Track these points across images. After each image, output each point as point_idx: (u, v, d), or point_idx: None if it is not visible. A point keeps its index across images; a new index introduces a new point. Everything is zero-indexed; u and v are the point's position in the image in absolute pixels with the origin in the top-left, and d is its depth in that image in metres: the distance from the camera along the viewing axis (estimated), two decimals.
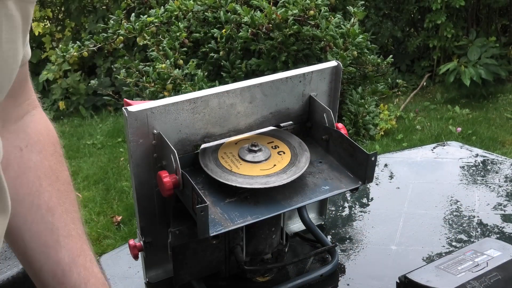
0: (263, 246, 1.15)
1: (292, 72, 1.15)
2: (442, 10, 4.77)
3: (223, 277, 1.18)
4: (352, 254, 1.28)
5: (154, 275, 1.21)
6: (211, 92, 1.08)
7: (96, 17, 5.21)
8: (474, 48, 4.70)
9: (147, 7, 3.54)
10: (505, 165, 1.66)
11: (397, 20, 5.32)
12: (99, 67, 4.96)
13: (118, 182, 3.59)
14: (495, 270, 1.02)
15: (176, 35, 2.95)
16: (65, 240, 0.81)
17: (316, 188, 1.07)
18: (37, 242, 0.77)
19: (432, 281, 1.01)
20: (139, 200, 1.10)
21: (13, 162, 0.76)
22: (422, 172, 1.65)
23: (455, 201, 1.48)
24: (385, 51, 5.15)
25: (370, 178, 1.07)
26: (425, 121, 4.35)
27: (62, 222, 0.80)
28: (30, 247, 0.77)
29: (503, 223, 1.37)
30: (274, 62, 2.85)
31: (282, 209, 1.02)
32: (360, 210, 1.47)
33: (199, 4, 3.07)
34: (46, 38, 5.27)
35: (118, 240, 2.99)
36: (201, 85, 2.74)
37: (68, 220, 0.81)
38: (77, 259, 0.80)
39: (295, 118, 1.20)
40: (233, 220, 0.98)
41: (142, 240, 1.14)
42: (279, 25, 2.80)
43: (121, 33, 3.12)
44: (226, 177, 1.02)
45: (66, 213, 0.81)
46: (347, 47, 2.83)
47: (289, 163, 1.08)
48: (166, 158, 1.03)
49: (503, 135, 4.07)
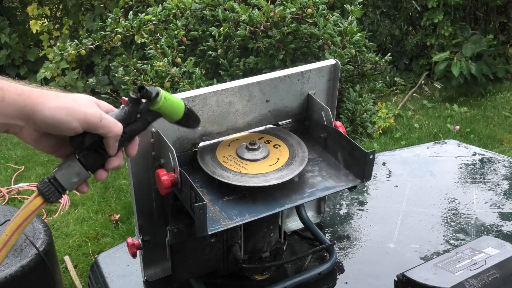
0: (261, 244, 1.15)
1: (290, 71, 1.15)
2: (440, 8, 4.77)
3: (221, 275, 1.18)
4: (350, 252, 1.28)
5: (152, 273, 1.21)
6: (209, 90, 1.08)
7: (93, 15, 5.20)
8: (468, 44, 4.71)
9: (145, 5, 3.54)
10: (503, 163, 1.67)
11: (395, 18, 5.32)
12: (97, 65, 4.94)
13: (116, 180, 3.58)
14: (493, 268, 1.02)
15: (174, 33, 2.95)
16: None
17: (314, 186, 1.07)
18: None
19: (430, 279, 1.01)
20: (137, 198, 1.10)
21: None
22: (420, 171, 1.65)
23: (453, 199, 1.48)
24: (383, 50, 5.15)
25: (368, 176, 1.08)
26: (423, 119, 4.35)
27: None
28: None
29: (501, 221, 1.37)
30: (272, 60, 2.85)
31: (280, 207, 1.02)
32: (358, 208, 1.47)
33: (197, 2, 3.07)
34: (44, 36, 5.26)
35: (116, 239, 2.99)
36: (199, 83, 2.73)
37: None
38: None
39: (294, 116, 1.20)
40: (231, 218, 0.98)
41: (140, 239, 1.13)
42: (277, 23, 2.80)
43: (119, 31, 3.12)
44: (241, 180, 1.02)
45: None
46: (345, 45, 2.83)
47: (289, 159, 1.08)
48: (164, 156, 1.03)
49: (501, 133, 4.08)
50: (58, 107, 0.77)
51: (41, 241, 1.90)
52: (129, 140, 0.86)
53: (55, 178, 0.81)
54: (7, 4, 5.69)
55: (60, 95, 0.80)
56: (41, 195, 0.81)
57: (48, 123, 0.77)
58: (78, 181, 0.83)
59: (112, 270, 1.30)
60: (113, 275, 1.28)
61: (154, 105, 0.84)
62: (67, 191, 0.83)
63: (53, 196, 0.81)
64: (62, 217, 3.21)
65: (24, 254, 1.84)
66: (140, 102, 0.84)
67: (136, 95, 0.83)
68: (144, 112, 0.85)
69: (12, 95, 0.75)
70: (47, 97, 0.78)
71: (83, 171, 0.82)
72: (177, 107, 0.88)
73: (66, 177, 0.82)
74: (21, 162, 3.91)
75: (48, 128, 0.78)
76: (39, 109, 0.76)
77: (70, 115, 0.77)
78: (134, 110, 0.84)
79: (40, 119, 0.77)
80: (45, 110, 0.77)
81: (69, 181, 0.82)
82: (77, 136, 0.80)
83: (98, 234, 3.05)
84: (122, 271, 1.29)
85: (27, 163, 3.89)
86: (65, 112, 0.77)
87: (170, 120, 0.90)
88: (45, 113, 0.77)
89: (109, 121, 0.80)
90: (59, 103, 0.78)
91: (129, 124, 0.84)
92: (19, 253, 1.85)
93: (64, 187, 0.82)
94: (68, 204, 3.35)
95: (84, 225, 3.11)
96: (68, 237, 3.00)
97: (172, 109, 0.87)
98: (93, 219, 3.19)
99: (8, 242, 0.80)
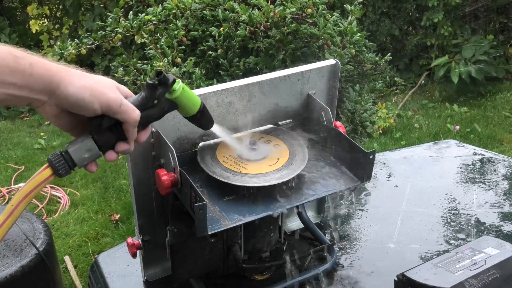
0: (262, 244, 1.15)
1: (290, 71, 1.15)
2: (440, 8, 4.77)
3: (221, 275, 1.18)
4: (350, 253, 1.28)
5: (152, 273, 1.21)
6: (209, 90, 1.08)
7: (93, 15, 5.20)
8: (468, 46, 4.71)
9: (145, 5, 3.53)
10: (503, 163, 1.67)
11: (395, 18, 5.32)
12: (97, 65, 4.95)
13: (116, 180, 3.58)
14: (493, 268, 1.02)
15: (174, 33, 2.94)
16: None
17: (314, 186, 1.07)
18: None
19: (430, 279, 1.01)
20: (138, 198, 1.10)
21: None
22: (420, 170, 1.65)
23: (453, 199, 1.48)
24: (383, 50, 5.15)
25: (368, 176, 1.08)
26: (423, 119, 4.35)
27: None
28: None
29: (500, 221, 1.37)
30: (272, 60, 2.85)
31: (280, 208, 1.02)
32: (358, 208, 1.47)
33: (197, 2, 3.07)
34: (44, 36, 5.26)
35: (116, 239, 2.99)
36: (199, 83, 2.73)
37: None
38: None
39: (294, 116, 1.20)
40: (231, 218, 0.98)
41: (140, 239, 1.13)
42: (277, 24, 2.79)
43: (119, 31, 3.12)
44: (241, 180, 1.02)
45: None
46: (345, 45, 2.83)
47: (289, 159, 1.08)
48: (165, 156, 1.03)
49: (501, 133, 4.08)
50: (83, 87, 0.79)
51: (41, 241, 1.90)
52: (144, 126, 0.87)
53: (67, 151, 0.82)
54: (7, 4, 5.70)
55: (86, 74, 0.81)
56: (51, 166, 0.81)
57: (71, 101, 0.79)
58: (88, 158, 0.83)
59: (112, 270, 1.30)
60: (113, 275, 1.28)
61: (171, 93, 0.85)
62: (77, 166, 0.83)
63: (62, 169, 0.82)
64: (62, 217, 3.21)
65: (24, 254, 1.84)
66: (157, 88, 0.84)
67: (153, 81, 0.84)
68: (161, 99, 0.86)
69: (40, 70, 0.77)
70: (74, 75, 0.80)
71: (95, 148, 0.83)
72: (193, 101, 0.89)
73: (77, 152, 0.82)
74: (21, 162, 3.91)
75: (70, 106, 0.80)
76: (64, 86, 0.78)
77: (93, 96, 0.79)
78: (151, 96, 0.85)
79: (64, 96, 0.78)
80: (69, 87, 0.78)
81: (80, 156, 0.82)
82: (95, 118, 0.81)
83: (98, 234, 3.05)
84: (122, 271, 1.29)
85: (27, 163, 3.89)
86: (89, 92, 0.79)
87: (184, 114, 0.91)
88: (69, 91, 0.78)
89: (128, 107, 0.81)
90: (84, 83, 0.79)
91: (145, 110, 0.85)
92: (19, 253, 1.85)
93: (75, 162, 0.82)
94: (68, 204, 3.35)
95: (84, 225, 3.11)
96: (68, 237, 3.00)
97: (188, 101, 0.88)
98: (93, 219, 3.19)
99: (14, 212, 0.81)
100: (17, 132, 4.53)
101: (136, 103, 0.83)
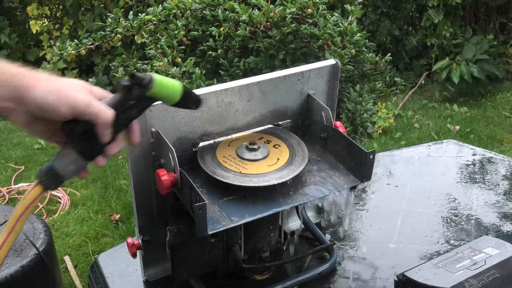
0: (262, 244, 1.15)
1: (290, 71, 1.15)
2: (440, 8, 4.77)
3: (221, 275, 1.18)
4: (350, 252, 1.28)
5: (152, 273, 1.21)
6: (209, 90, 1.08)
7: (93, 15, 5.20)
8: (469, 46, 4.71)
9: (145, 5, 3.53)
10: (503, 163, 1.67)
11: (395, 18, 5.32)
12: (96, 66, 4.94)
13: (116, 180, 3.58)
14: (493, 268, 1.02)
15: (174, 33, 2.94)
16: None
17: (314, 186, 1.07)
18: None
19: (430, 279, 1.01)
20: (138, 198, 1.10)
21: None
22: (420, 171, 1.65)
23: (453, 199, 1.48)
24: (383, 50, 5.15)
25: (368, 176, 1.08)
26: (423, 119, 4.35)
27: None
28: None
29: (500, 221, 1.37)
30: (272, 60, 2.85)
31: (280, 207, 1.02)
32: (358, 208, 1.47)
33: (197, 2, 3.07)
34: (44, 36, 5.26)
35: (116, 239, 2.99)
36: (199, 83, 2.73)
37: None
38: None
39: (294, 117, 1.20)
40: (231, 219, 0.98)
41: (140, 239, 1.13)
42: (277, 24, 2.79)
43: (119, 31, 3.11)
44: (241, 180, 1.02)
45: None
46: (345, 45, 2.83)
47: (289, 159, 1.08)
48: (165, 156, 1.03)
49: (501, 133, 4.08)
50: (49, 90, 0.76)
51: (41, 241, 1.90)
52: (125, 127, 0.86)
53: (53, 167, 0.81)
54: (7, 4, 5.69)
55: (52, 78, 0.79)
56: (40, 183, 0.81)
57: (38, 106, 0.76)
58: (75, 169, 0.82)
59: (112, 270, 1.30)
60: (113, 275, 1.28)
61: (148, 90, 0.83)
62: (65, 179, 0.82)
63: (52, 184, 0.81)
64: (62, 217, 3.21)
65: (24, 254, 1.84)
66: (132, 89, 0.83)
67: (128, 82, 0.82)
68: (139, 98, 0.84)
69: (5, 76, 0.75)
70: (40, 79, 0.77)
71: (80, 159, 0.82)
72: (172, 90, 0.87)
73: (63, 166, 0.81)
74: (21, 162, 3.91)
75: (39, 111, 0.77)
76: (30, 91, 0.76)
77: (59, 100, 0.76)
78: (128, 97, 0.83)
79: (31, 101, 0.76)
80: (35, 92, 0.76)
81: (67, 169, 0.81)
82: (67, 123, 0.80)
83: (98, 234, 3.05)
84: (122, 271, 1.29)
85: (27, 163, 3.89)
86: (55, 96, 0.76)
87: (168, 104, 0.89)
88: (36, 95, 0.76)
89: (98, 108, 0.79)
90: (50, 86, 0.77)
91: (124, 111, 0.83)
92: (19, 253, 1.85)
93: (62, 175, 0.81)
94: (68, 204, 3.35)
95: (84, 225, 3.11)
96: (68, 237, 3.00)
97: (167, 92, 0.86)
98: (93, 219, 3.19)
99: (10, 235, 0.80)
100: (17, 132, 4.53)
101: (111, 104, 0.82)
